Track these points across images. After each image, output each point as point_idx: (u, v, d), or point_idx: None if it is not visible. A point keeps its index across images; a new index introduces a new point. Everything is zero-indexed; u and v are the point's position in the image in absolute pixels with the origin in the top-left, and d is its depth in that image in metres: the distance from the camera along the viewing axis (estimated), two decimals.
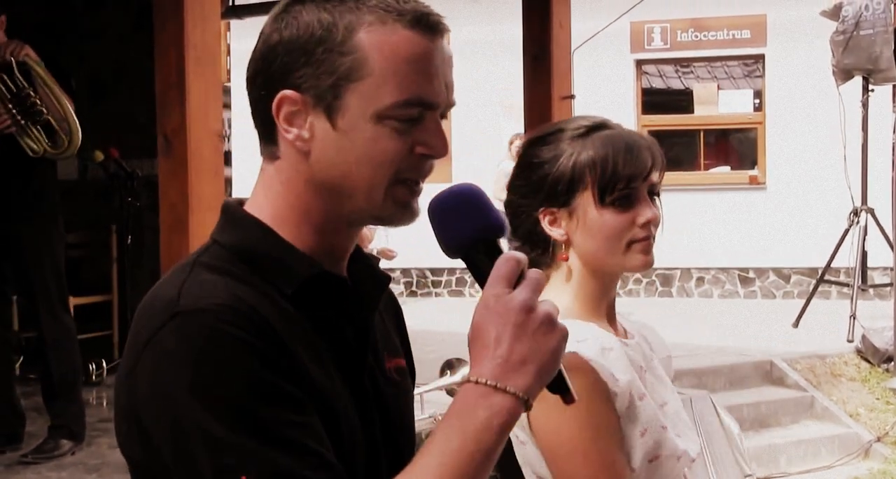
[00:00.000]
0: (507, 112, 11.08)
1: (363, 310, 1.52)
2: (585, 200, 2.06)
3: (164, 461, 1.34)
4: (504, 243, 1.43)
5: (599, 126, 2.10)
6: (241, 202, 1.51)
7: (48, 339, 5.47)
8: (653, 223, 2.05)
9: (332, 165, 1.43)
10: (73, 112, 5.30)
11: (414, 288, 13.41)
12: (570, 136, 2.09)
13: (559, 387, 1.39)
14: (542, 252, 2.12)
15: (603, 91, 11.66)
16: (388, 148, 1.41)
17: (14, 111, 5.26)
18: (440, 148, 1.43)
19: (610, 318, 2.14)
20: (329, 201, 1.45)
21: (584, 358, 1.94)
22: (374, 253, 9.55)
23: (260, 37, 1.46)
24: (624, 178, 2.03)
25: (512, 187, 2.15)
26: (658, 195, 2.11)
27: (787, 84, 12.29)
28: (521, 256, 1.36)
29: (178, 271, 1.44)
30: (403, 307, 1.77)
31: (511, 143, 11.29)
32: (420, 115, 1.42)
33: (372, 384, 1.51)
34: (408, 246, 10.83)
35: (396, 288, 13.00)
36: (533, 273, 1.36)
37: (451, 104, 1.46)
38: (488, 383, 1.31)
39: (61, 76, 5.40)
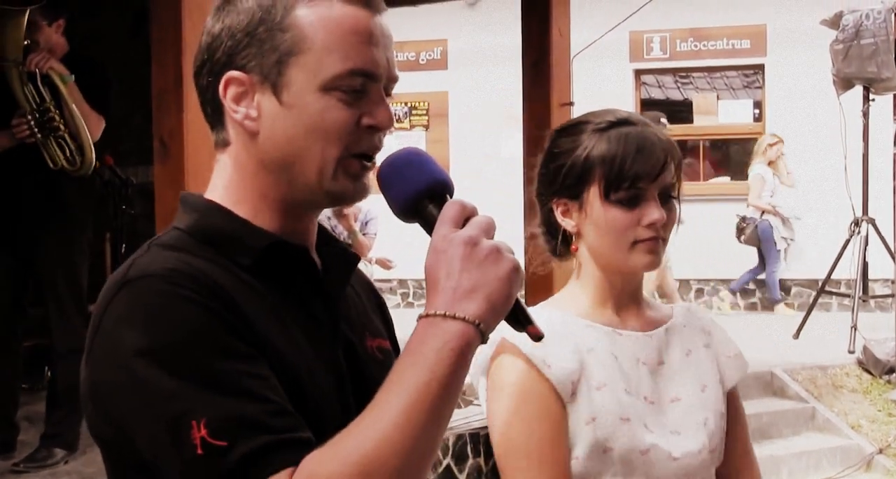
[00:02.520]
0: (505, 119, 11.05)
1: (332, 284, 1.53)
2: (593, 195, 2.08)
3: (127, 431, 1.34)
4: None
5: (622, 122, 2.10)
6: (196, 193, 1.55)
7: (58, 348, 5.45)
8: (659, 225, 2.06)
9: (281, 141, 1.45)
10: (87, 131, 5.30)
11: (410, 299, 13.34)
12: (591, 129, 2.11)
13: (520, 320, 1.40)
14: (560, 241, 2.16)
15: (602, 101, 11.59)
16: (335, 119, 1.43)
17: (31, 122, 5.24)
18: (385, 119, 1.46)
19: (625, 310, 2.16)
20: (282, 180, 1.46)
21: (513, 343, 2.00)
22: (373, 262, 9.48)
23: (203, 32, 1.50)
24: (630, 177, 2.05)
25: (538, 175, 2.18)
26: (675, 198, 2.11)
27: (787, 94, 12.25)
28: (468, 202, 1.39)
29: (132, 256, 1.46)
30: (400, 318, 1.79)
31: (770, 145, 11.29)
32: (364, 86, 1.44)
33: (349, 358, 1.52)
34: (405, 257, 10.78)
35: (393, 299, 12.94)
36: (481, 216, 1.38)
37: (393, 78, 1.48)
38: (437, 312, 1.32)
39: (97, 90, 5.40)
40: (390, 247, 10.04)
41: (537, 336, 1.41)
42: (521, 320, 1.40)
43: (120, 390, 1.33)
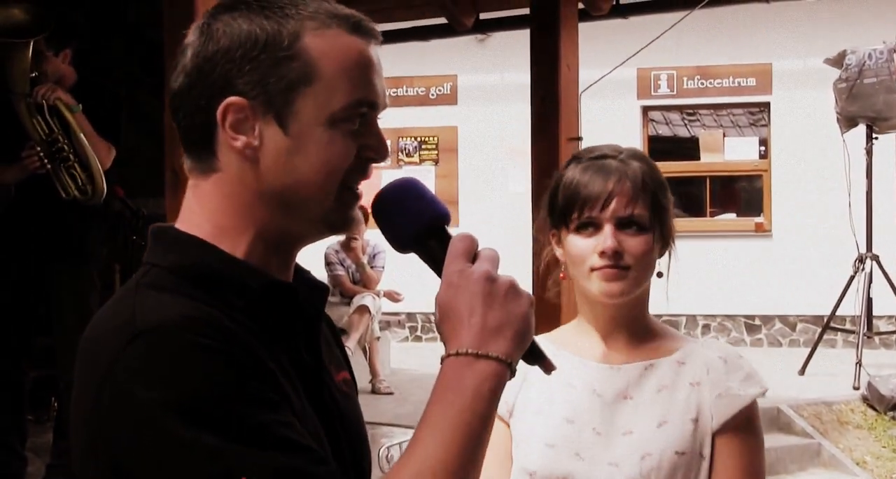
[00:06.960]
0: (513, 155, 11.11)
1: (310, 320, 1.49)
2: (566, 224, 2.14)
3: None
4: (451, 230, 1.43)
5: (602, 156, 2.14)
6: (171, 226, 1.46)
7: (65, 379, 5.46)
8: (609, 252, 2.05)
9: (284, 172, 1.39)
10: (97, 161, 5.31)
11: (419, 333, 13.33)
12: (573, 162, 2.17)
13: (535, 356, 1.42)
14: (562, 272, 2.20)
15: (609, 137, 11.62)
16: (340, 152, 1.40)
17: (41, 154, 5.27)
18: (384, 151, 1.45)
19: (612, 339, 2.16)
20: (279, 211, 1.41)
21: None
22: (381, 295, 9.48)
23: (187, 49, 1.42)
24: (580, 203, 2.08)
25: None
26: (643, 227, 2.09)
27: (793, 132, 12.31)
28: (473, 235, 1.39)
29: (120, 298, 1.39)
30: (407, 352, 1.78)
31: None
32: (365, 117, 1.42)
33: (330, 398, 1.49)
34: (413, 291, 10.80)
35: (401, 332, 12.93)
36: (487, 249, 1.39)
37: (386, 106, 1.47)
38: (469, 352, 1.33)
39: (107, 118, 5.44)
40: (398, 280, 10.07)
41: (551, 369, 1.44)
42: (536, 355, 1.42)
43: (150, 449, 1.26)
